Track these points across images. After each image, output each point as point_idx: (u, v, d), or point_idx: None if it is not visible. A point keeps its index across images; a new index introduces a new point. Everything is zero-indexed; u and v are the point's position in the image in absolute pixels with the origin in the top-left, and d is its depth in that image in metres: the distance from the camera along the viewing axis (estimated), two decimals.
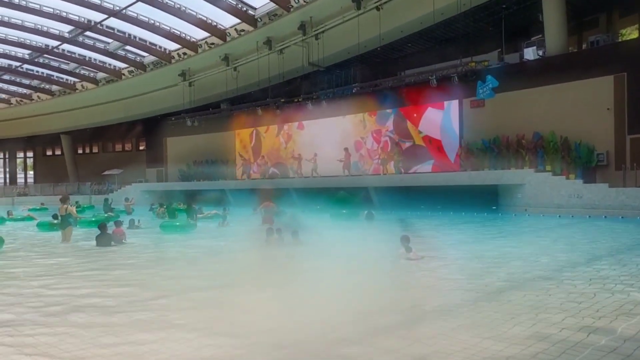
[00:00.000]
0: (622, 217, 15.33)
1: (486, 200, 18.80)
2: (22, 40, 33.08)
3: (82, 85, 39.35)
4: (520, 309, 5.51)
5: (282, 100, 27.29)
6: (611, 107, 18.10)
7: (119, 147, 43.03)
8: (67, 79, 39.31)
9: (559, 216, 16.56)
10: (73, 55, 35.00)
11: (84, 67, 37.03)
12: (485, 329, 4.78)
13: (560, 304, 5.67)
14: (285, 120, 29.00)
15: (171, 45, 32.61)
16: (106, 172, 38.87)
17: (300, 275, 8.51)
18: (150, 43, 32.47)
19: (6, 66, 36.50)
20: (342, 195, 22.02)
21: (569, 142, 18.51)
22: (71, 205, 13.73)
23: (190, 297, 6.59)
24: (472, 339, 4.44)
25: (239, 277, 8.29)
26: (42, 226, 16.93)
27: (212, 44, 30.31)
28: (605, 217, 15.67)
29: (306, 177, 26.84)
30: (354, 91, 24.62)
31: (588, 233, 12.76)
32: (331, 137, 26.73)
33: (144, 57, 34.61)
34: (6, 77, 38.52)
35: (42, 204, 30.41)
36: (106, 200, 26.55)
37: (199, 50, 31.27)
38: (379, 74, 24.51)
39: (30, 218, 20.67)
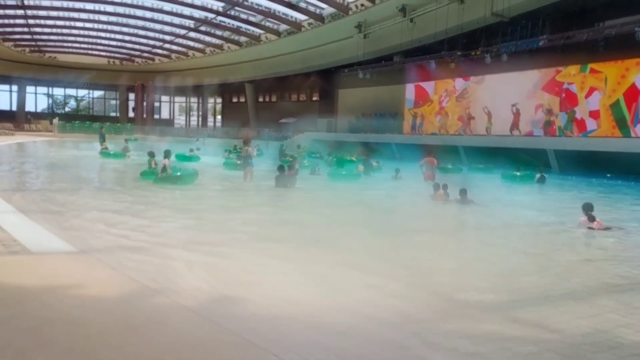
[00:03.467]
0: None
1: None
2: None
3: (266, 37, 42.43)
4: None
5: (459, 53, 26.13)
6: None
7: (294, 97, 45.95)
8: (253, 31, 42.68)
9: None
10: (260, 8, 37.72)
11: (269, 19, 39.75)
12: None
13: None
14: (460, 74, 27.88)
15: None
16: (282, 120, 42.17)
17: (466, 232, 8.56)
18: None
19: (203, 18, 41.00)
20: (518, 156, 20.89)
21: None
22: (252, 148, 15.08)
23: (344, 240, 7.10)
24: None
25: (398, 227, 8.62)
26: (228, 165, 19.02)
27: None
28: None
29: (477, 135, 25.78)
30: (540, 44, 22.43)
31: None
32: (508, 94, 25.07)
33: (323, 9, 35.75)
34: (202, 28, 43.39)
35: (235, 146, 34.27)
36: (281, 146, 29.00)
37: (377, 1, 31.24)
38: (573, 25, 21.88)
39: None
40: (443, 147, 25.10)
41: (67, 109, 57.64)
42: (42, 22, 43.28)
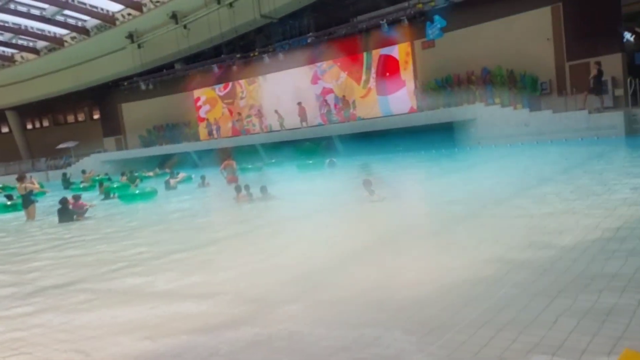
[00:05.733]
0: (565, 140, 16.52)
1: (443, 138, 19.62)
2: None
3: (21, 57, 37.51)
4: (479, 233, 6.23)
5: (238, 55, 26.99)
6: (550, 37, 18.99)
7: (71, 118, 41.68)
8: (3, 51, 37.33)
9: (510, 145, 17.65)
10: (6, 25, 33.09)
11: (21, 36, 35.17)
12: (444, 257, 5.40)
13: (512, 225, 6.41)
14: (243, 76, 28.81)
15: (113, 7, 31.31)
16: (61, 146, 37.75)
17: (270, 227, 9.07)
18: (90, 5, 31.04)
19: None
20: (307, 146, 22.57)
21: (515, 74, 19.44)
22: (30, 181, 13.47)
23: (153, 263, 6.81)
24: (431, 265, 5.16)
25: (208, 238, 8.47)
26: None
27: (158, 1, 29.29)
28: (551, 141, 16.80)
29: (269, 131, 27.09)
30: (309, 41, 24.60)
31: (535, 158, 13.85)
32: (291, 89, 26.85)
33: (85, 21, 33.15)
34: None
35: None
36: (64, 174, 26.15)
37: (144, 9, 30.19)
38: (333, 21, 24.48)
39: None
40: (242, 148, 25.82)
41: None
42: None
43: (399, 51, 23.34)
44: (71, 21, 33.02)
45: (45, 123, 42.85)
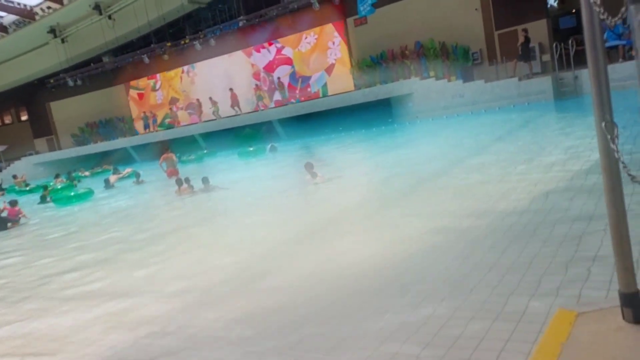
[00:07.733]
0: (498, 108, 17.00)
1: (382, 114, 19.71)
2: None
3: None
4: (420, 207, 6.44)
5: (168, 44, 26.00)
6: (478, 7, 19.34)
7: None
8: None
9: (446, 117, 18.00)
10: None
11: None
12: (388, 229, 5.61)
13: (451, 196, 6.63)
14: (176, 64, 27.82)
15: (31, 0, 29.39)
16: None
17: (213, 218, 8.92)
18: (5, 0, 28.96)
19: None
20: (247, 132, 22.17)
21: (447, 46, 19.71)
22: None
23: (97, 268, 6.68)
24: (375, 237, 5.32)
25: (149, 234, 8.36)
26: None
27: None
28: (485, 110, 17.24)
29: (208, 120, 26.39)
30: (240, 25, 23.96)
31: (470, 128, 14.21)
32: (226, 75, 26.18)
33: (2, 17, 30.92)
34: None
35: None
36: None
37: (65, 1, 28.40)
38: (263, 3, 23.91)
39: None
40: (181, 139, 25.08)
41: None
42: None
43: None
44: None
45: None
